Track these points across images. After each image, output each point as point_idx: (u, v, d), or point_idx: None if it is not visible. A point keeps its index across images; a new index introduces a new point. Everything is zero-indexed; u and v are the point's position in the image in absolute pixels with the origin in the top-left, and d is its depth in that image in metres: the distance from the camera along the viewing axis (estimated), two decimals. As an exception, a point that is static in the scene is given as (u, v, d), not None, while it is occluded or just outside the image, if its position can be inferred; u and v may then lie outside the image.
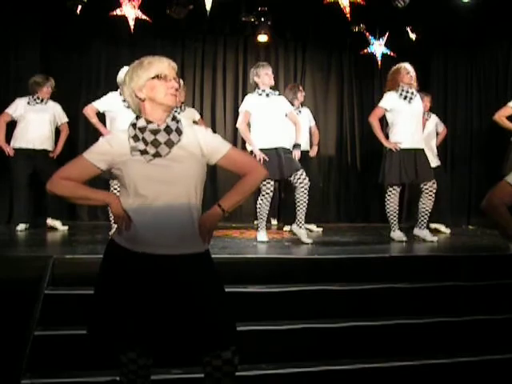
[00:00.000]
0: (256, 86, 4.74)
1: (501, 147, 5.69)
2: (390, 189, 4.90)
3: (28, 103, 5.36)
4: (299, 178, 4.54)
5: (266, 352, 2.88)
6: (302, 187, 4.54)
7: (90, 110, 4.77)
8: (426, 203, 4.85)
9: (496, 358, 3.03)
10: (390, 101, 4.86)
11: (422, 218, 4.91)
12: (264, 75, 4.66)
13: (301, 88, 6.04)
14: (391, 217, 4.91)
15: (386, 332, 3.10)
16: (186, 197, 1.89)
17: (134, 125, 1.92)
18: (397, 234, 4.90)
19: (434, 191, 4.86)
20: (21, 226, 5.25)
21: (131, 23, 5.99)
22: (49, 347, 2.72)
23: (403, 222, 6.43)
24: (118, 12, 5.99)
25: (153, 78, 1.91)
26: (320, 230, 5.94)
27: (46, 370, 2.64)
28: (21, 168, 5.32)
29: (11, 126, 5.44)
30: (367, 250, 4.22)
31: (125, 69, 4.77)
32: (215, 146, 1.98)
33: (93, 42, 6.71)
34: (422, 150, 4.88)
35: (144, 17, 6.04)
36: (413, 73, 4.84)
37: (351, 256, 3.83)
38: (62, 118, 5.57)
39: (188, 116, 5.61)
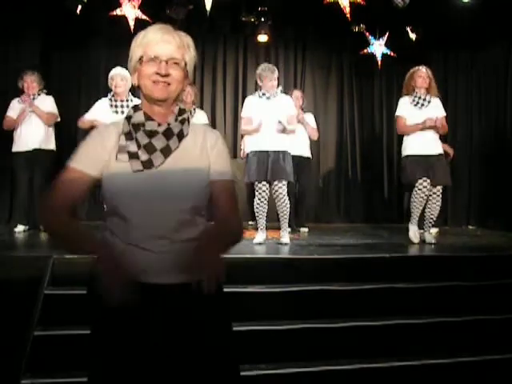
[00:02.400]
0: (258, 86, 4.74)
1: (501, 147, 5.70)
2: (416, 184, 4.70)
3: (18, 101, 5.34)
4: (279, 189, 4.51)
5: (266, 352, 2.87)
6: (279, 200, 4.52)
7: (84, 123, 4.81)
8: (433, 208, 4.76)
9: (496, 358, 3.03)
10: (403, 106, 4.79)
11: (429, 220, 4.82)
12: (267, 81, 4.58)
13: (297, 94, 5.93)
14: (412, 210, 4.79)
15: (386, 332, 3.10)
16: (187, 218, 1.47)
17: (129, 118, 1.48)
18: (413, 228, 4.80)
19: (440, 195, 4.75)
20: (19, 228, 5.25)
21: (131, 23, 6.00)
22: (49, 347, 2.72)
23: (405, 222, 6.43)
24: (118, 12, 6.01)
25: (139, 61, 1.47)
26: (306, 230, 5.91)
27: (46, 370, 2.64)
28: (21, 171, 5.32)
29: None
30: (367, 250, 4.21)
31: (113, 70, 4.78)
32: (221, 163, 1.53)
33: (93, 41, 6.71)
34: (437, 155, 4.72)
35: (144, 17, 6.05)
36: (426, 77, 4.72)
37: (351, 256, 3.83)
38: (53, 111, 5.43)
39: (196, 120, 5.61)
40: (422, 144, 4.69)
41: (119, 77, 4.67)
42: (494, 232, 6.14)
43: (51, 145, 5.44)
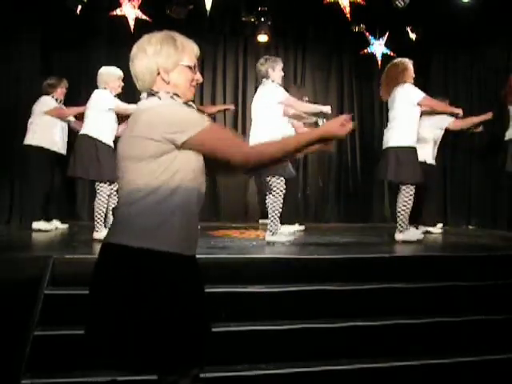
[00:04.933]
0: (265, 77, 4.61)
1: (501, 147, 5.70)
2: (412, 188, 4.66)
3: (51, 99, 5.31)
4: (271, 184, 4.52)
5: (266, 352, 2.88)
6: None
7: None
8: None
9: (496, 358, 3.04)
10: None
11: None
12: (278, 71, 4.63)
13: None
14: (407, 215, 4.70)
15: (386, 332, 3.10)
16: None
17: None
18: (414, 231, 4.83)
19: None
20: (57, 224, 5.26)
21: (131, 23, 6.00)
22: (49, 347, 2.72)
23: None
24: (118, 12, 6.01)
25: (183, 65, 1.75)
26: (302, 227, 5.87)
27: (46, 370, 2.64)
28: (51, 169, 5.31)
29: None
30: (367, 250, 4.21)
31: (104, 68, 4.77)
32: None
33: (93, 41, 6.71)
34: None
35: (144, 17, 6.06)
36: None
37: (351, 256, 3.83)
38: None
39: None
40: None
41: (121, 78, 4.73)
42: (493, 232, 6.14)
43: None
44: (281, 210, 4.50)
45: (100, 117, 4.64)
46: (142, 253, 1.55)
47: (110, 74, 4.73)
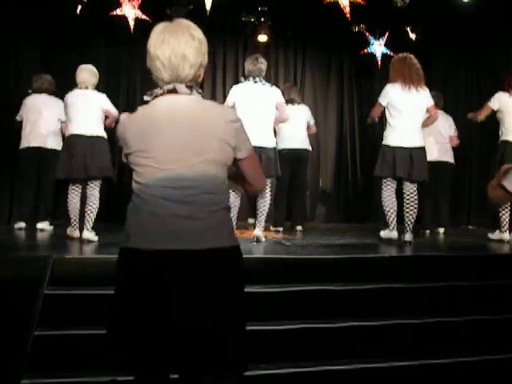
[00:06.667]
0: (263, 76, 4.52)
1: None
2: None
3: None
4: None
5: (266, 352, 2.87)
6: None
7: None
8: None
9: (496, 358, 3.04)
10: None
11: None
12: None
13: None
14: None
15: (386, 332, 3.10)
16: None
17: None
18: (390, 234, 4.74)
19: None
20: (20, 225, 5.23)
21: (131, 23, 6.00)
22: (49, 347, 2.72)
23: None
24: (118, 12, 6.01)
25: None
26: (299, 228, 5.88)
27: (46, 370, 2.64)
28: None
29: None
30: (367, 250, 4.21)
31: (90, 67, 4.73)
32: None
33: (93, 41, 6.70)
34: None
35: (144, 17, 6.05)
36: None
37: (351, 256, 3.83)
38: None
39: None
40: None
41: None
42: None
43: None
44: None
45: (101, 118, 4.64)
46: (238, 250, 1.65)
47: (96, 74, 4.74)
